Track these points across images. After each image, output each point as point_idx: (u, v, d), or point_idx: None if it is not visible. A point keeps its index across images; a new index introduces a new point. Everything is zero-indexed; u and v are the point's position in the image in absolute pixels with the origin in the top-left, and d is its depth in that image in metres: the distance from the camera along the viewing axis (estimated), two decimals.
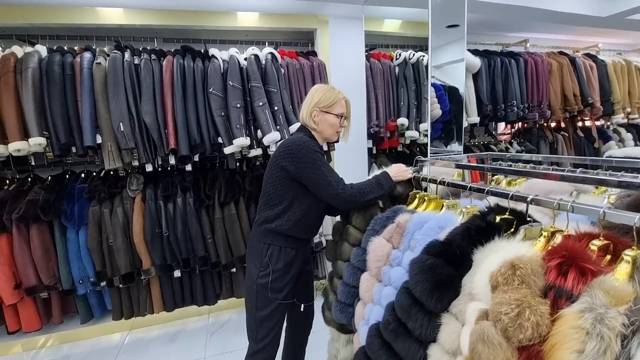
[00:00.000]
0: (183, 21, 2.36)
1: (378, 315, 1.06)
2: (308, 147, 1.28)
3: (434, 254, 0.89)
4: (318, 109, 1.35)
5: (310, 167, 1.26)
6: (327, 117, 1.36)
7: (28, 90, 1.91)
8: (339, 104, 1.37)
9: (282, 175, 1.30)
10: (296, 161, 1.27)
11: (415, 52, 2.64)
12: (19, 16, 2.10)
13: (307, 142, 1.29)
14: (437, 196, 1.29)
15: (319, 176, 1.26)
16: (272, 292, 1.33)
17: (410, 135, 2.59)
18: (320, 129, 1.38)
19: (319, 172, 1.26)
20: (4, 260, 2.03)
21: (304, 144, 1.28)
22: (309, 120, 1.37)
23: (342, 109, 1.38)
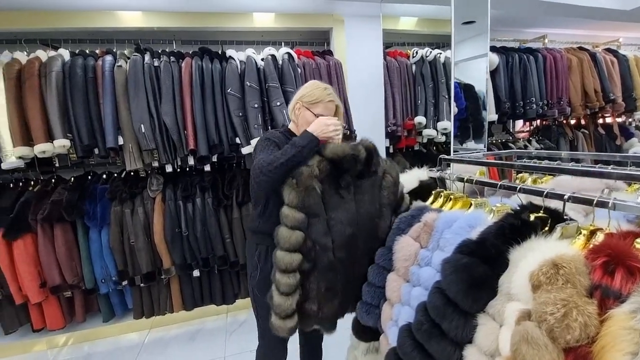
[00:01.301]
0: (200, 23, 2.38)
1: (408, 315, 1.05)
2: (263, 138, 1.24)
3: (468, 253, 0.87)
4: (301, 103, 1.29)
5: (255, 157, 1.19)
6: (306, 113, 1.27)
7: (52, 93, 1.95)
8: (323, 105, 1.27)
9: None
10: (254, 155, 1.24)
11: (432, 49, 2.61)
12: (43, 21, 2.15)
13: (267, 134, 1.28)
14: (464, 195, 1.27)
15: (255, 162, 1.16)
16: (262, 292, 1.26)
17: (428, 134, 2.56)
18: (298, 124, 1.30)
19: (256, 158, 1.16)
20: (29, 260, 2.08)
21: (263, 137, 1.25)
22: (291, 112, 1.33)
23: (324, 112, 1.28)
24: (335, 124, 1.22)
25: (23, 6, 2.07)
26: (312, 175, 1.12)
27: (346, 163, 1.17)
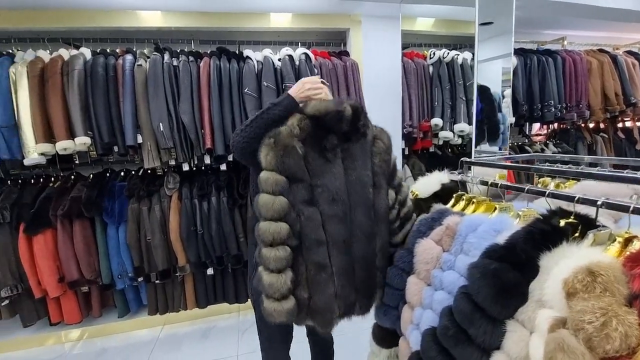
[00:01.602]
0: (218, 23, 2.39)
1: (430, 320, 1.04)
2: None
3: (497, 258, 0.86)
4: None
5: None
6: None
7: (74, 92, 1.98)
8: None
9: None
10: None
11: (449, 50, 2.58)
12: (65, 20, 2.19)
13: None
14: (487, 198, 1.26)
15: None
16: (257, 294, 1.12)
17: (444, 136, 2.54)
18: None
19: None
20: (49, 255, 2.12)
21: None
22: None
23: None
24: (314, 81, 1.12)
25: (46, 5, 2.11)
26: (292, 134, 1.00)
27: (329, 121, 1.04)
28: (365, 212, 1.10)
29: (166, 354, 2.16)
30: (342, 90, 2.33)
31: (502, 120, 2.76)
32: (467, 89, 2.57)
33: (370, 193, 1.11)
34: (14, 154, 1.98)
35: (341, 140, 1.08)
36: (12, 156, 1.97)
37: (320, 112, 1.04)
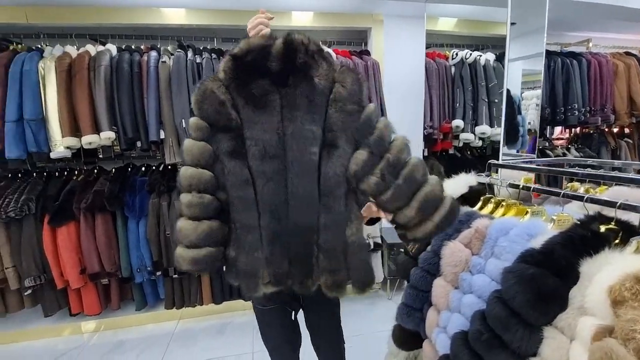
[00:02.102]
0: (240, 21, 2.40)
1: (459, 323, 1.02)
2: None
3: (535, 263, 0.84)
4: None
5: None
6: None
7: (100, 87, 2.02)
8: None
9: None
10: None
11: (471, 51, 2.54)
12: (92, 16, 2.23)
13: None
14: (517, 202, 1.23)
15: None
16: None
17: (465, 138, 2.50)
18: None
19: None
20: (71, 247, 2.17)
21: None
22: None
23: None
24: (259, 16, 0.96)
25: (74, 1, 2.15)
26: (215, 79, 0.89)
27: (253, 60, 0.88)
28: (305, 175, 0.90)
29: (182, 348, 2.18)
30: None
31: (521, 122, 2.71)
32: (489, 90, 2.53)
33: (313, 153, 0.90)
34: (41, 146, 2.02)
35: (276, 84, 0.89)
36: (39, 149, 2.02)
37: (242, 49, 0.89)
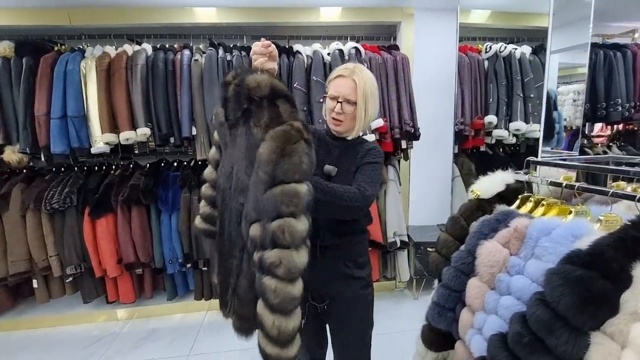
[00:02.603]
0: (269, 18, 2.43)
1: (496, 325, 0.99)
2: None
3: (582, 265, 0.80)
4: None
5: None
6: (327, 99, 1.16)
7: (137, 85, 2.10)
8: (332, 83, 1.14)
9: None
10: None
11: (506, 44, 2.44)
12: (129, 17, 2.33)
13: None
14: (558, 200, 1.18)
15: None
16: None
17: (498, 135, 2.41)
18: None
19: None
20: (109, 238, 2.28)
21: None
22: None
23: (333, 90, 1.13)
24: (256, 43, 0.97)
25: (112, 3, 2.25)
26: (220, 102, 0.94)
27: (225, 92, 0.90)
28: (233, 221, 0.94)
29: (210, 338, 2.25)
30: (392, 85, 2.28)
31: (557, 119, 2.58)
32: (524, 85, 2.42)
33: (240, 204, 0.90)
34: (83, 142, 2.13)
35: (236, 122, 0.90)
36: (81, 144, 2.13)
37: (226, 80, 0.92)
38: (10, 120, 2.18)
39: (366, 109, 1.13)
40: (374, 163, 1.16)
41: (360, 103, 1.11)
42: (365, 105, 1.12)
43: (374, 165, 1.15)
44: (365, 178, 1.11)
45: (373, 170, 1.14)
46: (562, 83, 2.70)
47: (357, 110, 1.12)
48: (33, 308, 2.50)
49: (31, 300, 2.51)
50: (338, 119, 1.13)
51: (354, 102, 1.11)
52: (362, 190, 1.07)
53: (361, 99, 1.11)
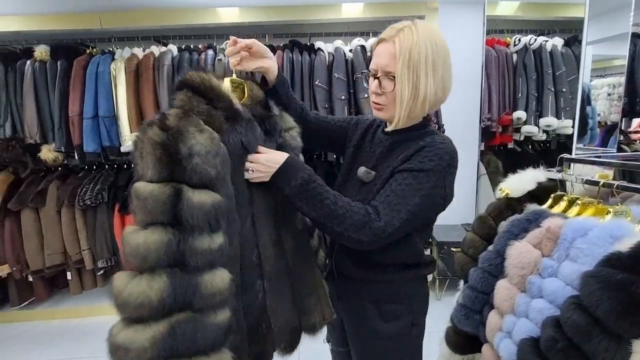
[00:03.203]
0: (290, 16, 2.43)
1: (526, 329, 0.95)
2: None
3: (623, 268, 0.75)
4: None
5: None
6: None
7: (163, 85, 2.16)
8: (374, 52, 0.88)
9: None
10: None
11: (536, 36, 2.34)
12: (155, 19, 2.39)
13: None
14: (595, 200, 1.12)
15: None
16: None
17: (527, 131, 2.32)
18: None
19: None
20: None
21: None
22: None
23: (372, 62, 0.87)
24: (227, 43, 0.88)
25: (139, 5, 2.32)
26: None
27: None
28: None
29: None
30: None
31: (590, 114, 2.46)
32: (556, 78, 2.32)
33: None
34: (113, 141, 2.22)
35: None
36: (112, 143, 2.22)
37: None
38: (47, 120, 2.30)
39: (414, 85, 0.78)
40: (416, 172, 0.78)
41: (402, 75, 0.78)
42: (411, 78, 0.77)
43: (414, 176, 0.77)
44: (390, 195, 0.78)
45: (408, 184, 0.77)
46: (595, 76, 2.57)
47: (397, 85, 0.79)
48: (67, 299, 2.63)
49: (65, 292, 2.64)
50: (377, 101, 0.86)
51: (393, 75, 0.80)
52: (372, 217, 0.76)
53: (404, 69, 0.78)
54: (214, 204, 0.64)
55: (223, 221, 0.66)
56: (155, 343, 0.58)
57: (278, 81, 0.94)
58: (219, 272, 0.66)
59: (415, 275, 0.93)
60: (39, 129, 2.29)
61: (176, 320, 0.61)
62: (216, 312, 0.65)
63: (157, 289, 0.59)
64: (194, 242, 0.62)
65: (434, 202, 0.81)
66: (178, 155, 0.61)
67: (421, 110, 0.82)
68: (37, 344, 2.25)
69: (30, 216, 2.36)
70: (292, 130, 0.93)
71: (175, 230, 0.62)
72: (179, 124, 0.64)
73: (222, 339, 0.65)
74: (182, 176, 0.62)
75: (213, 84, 0.74)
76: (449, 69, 0.83)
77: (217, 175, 0.66)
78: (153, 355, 0.58)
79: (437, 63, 0.79)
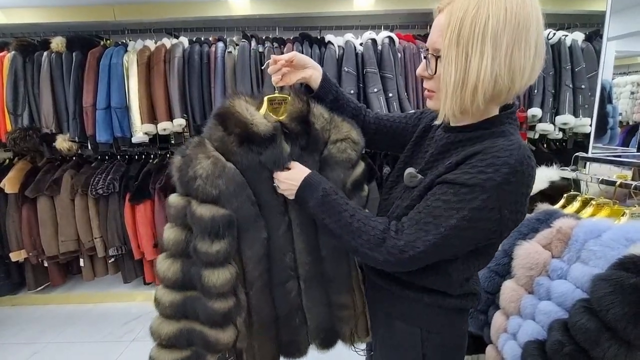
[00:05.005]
0: (301, 9, 2.41)
1: (532, 331, 0.93)
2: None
3: (638, 272, 0.72)
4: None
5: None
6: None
7: (174, 77, 2.18)
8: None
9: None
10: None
11: (555, 31, 2.26)
12: (167, 12, 2.41)
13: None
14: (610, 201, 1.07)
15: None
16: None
17: (543, 129, 2.24)
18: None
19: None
20: (147, 223, 2.40)
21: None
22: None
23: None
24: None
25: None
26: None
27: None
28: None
29: None
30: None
31: (611, 113, 2.36)
32: (575, 75, 2.23)
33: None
34: (125, 132, 2.25)
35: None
36: (123, 134, 2.25)
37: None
38: (62, 110, 2.34)
39: (462, 66, 0.61)
40: (459, 186, 0.63)
41: (448, 54, 0.62)
42: (459, 57, 0.61)
43: (455, 191, 0.63)
44: (422, 212, 0.66)
45: (445, 201, 0.63)
46: (618, 74, 2.46)
47: (440, 66, 0.65)
48: (80, 285, 2.70)
49: (79, 278, 2.71)
50: (425, 86, 0.72)
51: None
52: (390, 235, 0.68)
53: (451, 45, 0.62)
54: (213, 217, 0.77)
55: (229, 230, 0.79)
56: (172, 305, 0.83)
57: (320, 88, 0.89)
58: (217, 270, 0.80)
59: (437, 302, 0.76)
60: (54, 118, 2.34)
61: (189, 295, 0.83)
62: (214, 300, 0.81)
63: (173, 270, 0.82)
64: (196, 243, 0.79)
65: (480, 226, 0.62)
66: (186, 178, 0.78)
67: (472, 100, 0.62)
68: (52, 327, 2.33)
69: (46, 204, 2.43)
70: (343, 141, 0.88)
71: (187, 232, 0.81)
72: (192, 152, 0.79)
73: (221, 321, 0.82)
74: (191, 193, 0.79)
75: (233, 111, 0.81)
76: (524, 45, 0.60)
77: (220, 194, 0.78)
78: (172, 312, 0.83)
79: (500, 36, 0.59)
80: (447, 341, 0.81)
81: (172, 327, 0.84)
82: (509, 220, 0.63)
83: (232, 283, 0.81)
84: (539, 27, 0.63)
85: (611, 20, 1.86)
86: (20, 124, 2.35)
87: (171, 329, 0.83)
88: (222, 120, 0.81)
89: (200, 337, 0.83)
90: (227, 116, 0.81)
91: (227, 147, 0.80)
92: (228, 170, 0.79)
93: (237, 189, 0.80)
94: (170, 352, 0.85)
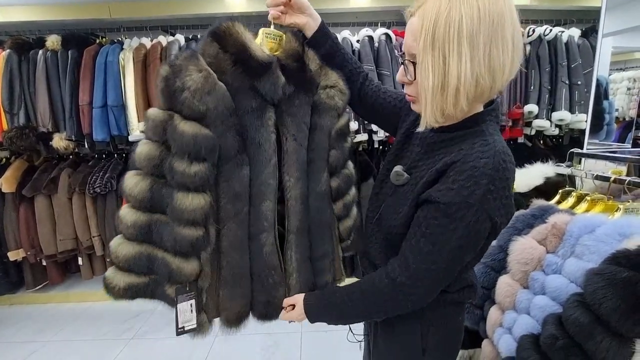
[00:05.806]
0: None
1: (527, 325, 0.94)
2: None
3: (630, 266, 0.73)
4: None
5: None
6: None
7: None
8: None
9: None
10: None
11: (551, 27, 2.26)
12: (163, 9, 2.40)
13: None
14: (605, 196, 1.08)
15: None
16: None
17: (539, 125, 2.25)
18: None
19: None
20: None
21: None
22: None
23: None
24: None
25: None
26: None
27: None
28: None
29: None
30: None
31: (607, 109, 2.37)
32: (571, 71, 2.24)
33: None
34: (122, 130, 2.25)
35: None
36: (120, 132, 2.24)
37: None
38: (58, 109, 2.33)
39: (440, 69, 0.60)
40: (445, 206, 0.62)
41: (424, 57, 0.61)
42: (436, 60, 0.60)
43: (443, 212, 0.62)
44: (420, 240, 0.66)
45: (439, 226, 0.63)
46: (615, 70, 2.46)
47: (417, 71, 0.64)
48: (79, 283, 2.70)
49: (78, 276, 2.72)
50: (406, 92, 0.72)
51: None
52: (396, 282, 0.68)
53: (426, 48, 0.60)
54: (195, 136, 0.71)
55: (210, 154, 0.73)
56: (135, 225, 0.76)
57: (312, 39, 0.87)
58: (191, 194, 0.73)
59: (437, 298, 0.74)
60: (51, 117, 2.33)
61: (156, 219, 0.77)
62: (183, 226, 0.74)
63: (140, 187, 0.74)
64: (173, 162, 0.72)
65: (479, 236, 0.64)
66: (173, 88, 0.70)
67: (454, 103, 0.61)
68: (51, 325, 2.33)
69: (43, 202, 2.43)
70: (332, 89, 0.87)
71: (163, 149, 0.74)
72: (182, 63, 0.72)
73: (186, 249, 0.76)
74: (176, 107, 0.72)
75: (232, 32, 0.75)
76: (501, 42, 0.59)
77: (207, 112, 0.72)
78: (134, 233, 0.76)
79: (476, 36, 0.57)
80: (446, 334, 0.84)
81: (132, 249, 0.77)
82: (502, 223, 0.65)
83: (204, 212, 0.74)
84: (513, 20, 0.61)
85: (607, 16, 1.87)
86: (16, 122, 2.34)
87: (130, 250, 0.77)
88: (218, 38, 0.75)
89: (161, 265, 0.77)
90: (225, 36, 0.75)
91: (220, 65, 0.74)
92: (219, 88, 0.73)
93: (225, 112, 0.74)
94: (127, 275, 0.79)
